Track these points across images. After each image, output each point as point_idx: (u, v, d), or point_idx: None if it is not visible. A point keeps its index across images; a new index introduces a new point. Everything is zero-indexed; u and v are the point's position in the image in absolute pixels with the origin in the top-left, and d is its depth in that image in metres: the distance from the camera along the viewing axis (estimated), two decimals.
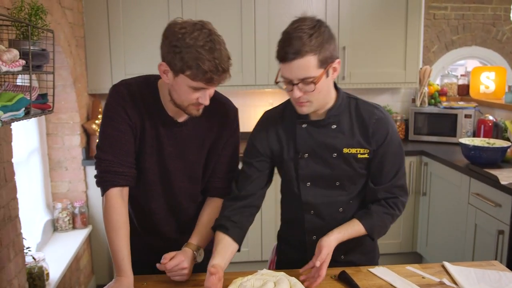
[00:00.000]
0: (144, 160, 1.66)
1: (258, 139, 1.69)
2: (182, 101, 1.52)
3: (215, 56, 1.40)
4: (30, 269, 2.42)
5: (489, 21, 4.99)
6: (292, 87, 1.49)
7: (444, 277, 1.66)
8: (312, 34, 1.43)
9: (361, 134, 1.62)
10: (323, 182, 1.66)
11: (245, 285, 1.47)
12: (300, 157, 1.64)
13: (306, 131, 1.63)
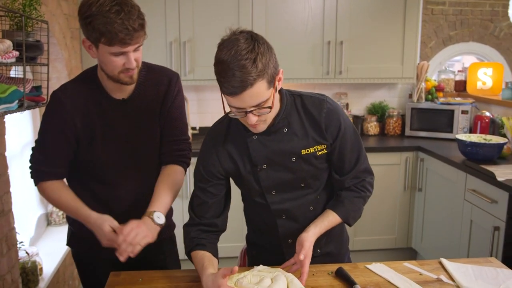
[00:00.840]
0: (100, 151, 1.69)
1: (209, 162, 1.59)
2: (111, 71, 1.56)
3: (122, 17, 1.43)
4: (24, 264, 2.40)
5: (487, 17, 4.97)
6: (246, 114, 1.40)
7: (441, 273, 1.65)
8: (255, 59, 1.32)
9: (314, 131, 1.57)
10: (288, 186, 1.62)
11: (241, 281, 1.45)
12: (259, 170, 1.58)
13: (258, 142, 1.55)
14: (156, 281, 1.58)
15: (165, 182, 1.72)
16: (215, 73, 1.38)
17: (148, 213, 1.63)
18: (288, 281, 1.47)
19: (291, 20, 3.62)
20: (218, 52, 1.36)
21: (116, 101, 1.68)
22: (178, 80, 1.79)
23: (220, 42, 1.38)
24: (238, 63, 1.31)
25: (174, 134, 1.77)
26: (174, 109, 1.76)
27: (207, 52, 3.57)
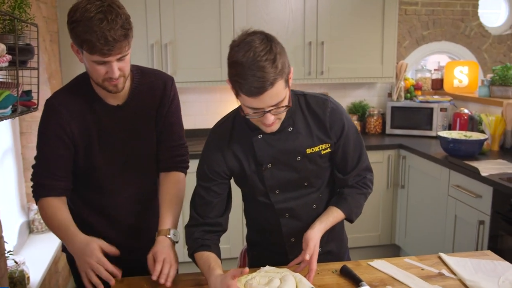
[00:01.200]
0: (97, 158, 1.66)
1: (213, 161, 1.58)
2: (96, 78, 1.52)
3: (104, 26, 1.37)
4: (11, 273, 2.32)
5: (458, 17, 5.10)
6: (263, 114, 1.40)
7: (442, 268, 1.68)
8: (274, 59, 1.33)
9: (319, 130, 1.59)
10: (292, 185, 1.63)
11: (251, 282, 1.45)
12: (264, 169, 1.58)
13: (264, 141, 1.56)
14: (161, 286, 1.55)
15: (171, 194, 1.70)
16: (232, 75, 1.37)
17: (163, 231, 1.61)
18: (297, 281, 1.48)
19: (272, 21, 3.63)
20: (233, 53, 1.36)
21: (111, 107, 1.64)
22: (173, 84, 1.75)
23: (234, 44, 1.38)
24: (258, 64, 1.31)
25: (173, 140, 1.75)
26: (171, 114, 1.73)
27: (189, 54, 3.56)
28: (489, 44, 5.30)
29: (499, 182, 2.58)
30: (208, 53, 3.58)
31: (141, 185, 1.77)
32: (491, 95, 3.63)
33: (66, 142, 1.60)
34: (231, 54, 1.37)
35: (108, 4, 1.40)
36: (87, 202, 1.74)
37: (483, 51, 5.27)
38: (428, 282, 1.57)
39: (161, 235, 1.60)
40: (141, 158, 1.73)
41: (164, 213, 1.66)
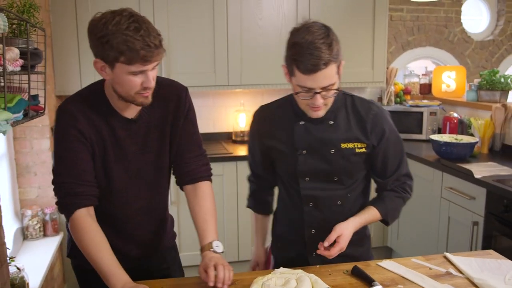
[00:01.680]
0: (110, 170, 1.63)
1: (256, 137, 1.78)
2: (127, 91, 1.49)
3: (142, 34, 1.38)
4: (12, 280, 2.29)
5: (442, 23, 5.21)
6: (314, 95, 1.52)
7: (449, 267, 1.72)
8: (330, 44, 1.48)
9: (359, 129, 1.67)
10: (321, 176, 1.70)
11: (268, 284, 1.47)
12: (299, 154, 1.68)
13: (304, 128, 1.67)
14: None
15: (205, 207, 1.69)
16: (289, 56, 1.51)
17: (206, 247, 1.59)
18: (312, 281, 1.50)
19: (265, 26, 3.67)
20: (293, 37, 1.52)
21: (125, 120, 1.61)
22: (187, 94, 1.72)
23: (294, 30, 1.54)
24: (316, 45, 1.45)
25: (194, 150, 1.73)
26: (188, 124, 1.71)
27: (182, 59, 3.56)
28: (472, 49, 5.43)
29: (493, 183, 2.66)
30: (202, 58, 3.60)
31: (152, 198, 1.75)
32: (479, 99, 3.72)
33: (87, 146, 1.54)
34: (291, 37, 1.53)
35: (134, 14, 1.41)
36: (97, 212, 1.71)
37: (466, 57, 5.39)
38: (437, 281, 1.61)
39: (205, 250, 1.59)
40: (154, 171, 1.71)
41: (203, 228, 1.64)
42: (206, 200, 1.71)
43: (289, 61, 1.52)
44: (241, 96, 4.08)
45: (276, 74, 3.74)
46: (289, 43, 1.53)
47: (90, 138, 1.55)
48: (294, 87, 1.57)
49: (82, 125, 1.53)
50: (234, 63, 3.65)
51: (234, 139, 4.01)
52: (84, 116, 1.54)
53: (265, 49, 3.69)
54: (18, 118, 1.57)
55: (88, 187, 1.55)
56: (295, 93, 1.57)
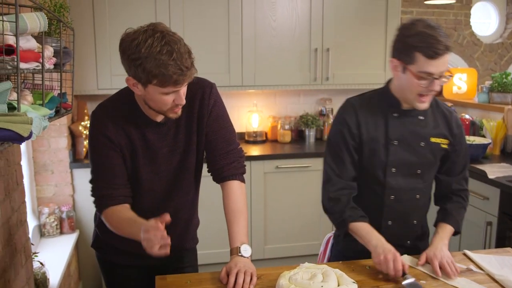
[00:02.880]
0: (140, 172, 1.67)
1: (349, 124, 1.79)
2: (159, 107, 1.53)
3: (175, 57, 1.39)
4: (35, 275, 2.34)
5: (451, 26, 5.25)
6: (433, 81, 1.63)
7: (469, 264, 1.75)
8: (446, 35, 1.62)
9: (444, 126, 1.82)
10: (407, 169, 1.81)
11: (295, 278, 1.50)
12: (391, 144, 1.78)
13: (398, 119, 1.77)
14: (204, 283, 1.59)
15: (232, 208, 1.69)
16: (410, 45, 1.61)
17: (234, 250, 1.61)
18: (338, 276, 1.53)
19: (279, 27, 3.71)
20: (411, 29, 1.63)
21: (154, 123, 1.64)
22: (212, 91, 1.71)
23: (407, 25, 1.66)
24: (438, 32, 1.59)
25: (222, 147, 1.72)
26: (213, 121, 1.71)
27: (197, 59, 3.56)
28: (481, 52, 5.46)
29: (507, 184, 2.69)
30: (217, 59, 3.64)
31: (179, 198, 1.78)
32: (490, 101, 3.75)
33: (117, 151, 1.61)
34: (409, 29, 1.63)
35: (164, 34, 1.41)
36: None
37: (475, 59, 5.43)
38: (459, 277, 1.65)
39: (232, 254, 1.61)
40: (180, 170, 1.73)
41: (231, 230, 1.66)
42: (232, 200, 1.70)
43: (409, 50, 1.61)
44: (254, 96, 4.12)
45: (290, 75, 3.78)
46: (406, 34, 1.63)
47: (119, 144, 1.61)
48: (415, 76, 1.63)
49: (110, 132, 1.59)
50: (248, 64, 3.69)
51: (247, 139, 4.05)
52: (113, 122, 1.60)
53: (279, 50, 3.73)
54: (51, 115, 1.61)
55: (116, 190, 1.62)
56: (418, 79, 1.63)
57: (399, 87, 1.74)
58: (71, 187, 3.31)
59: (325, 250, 2.07)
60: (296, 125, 4.18)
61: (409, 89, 1.69)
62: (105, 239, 1.81)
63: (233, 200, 1.71)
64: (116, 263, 1.84)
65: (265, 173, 3.58)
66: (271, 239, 3.70)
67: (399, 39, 1.67)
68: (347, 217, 1.77)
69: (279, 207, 3.67)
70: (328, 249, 2.06)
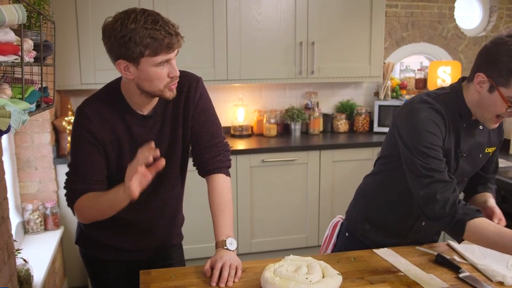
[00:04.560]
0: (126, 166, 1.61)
1: (439, 127, 1.63)
2: (156, 86, 1.52)
3: (161, 24, 1.44)
4: (18, 272, 2.31)
5: (436, 19, 5.26)
6: None
7: (453, 254, 1.77)
8: None
9: (494, 134, 1.78)
10: (460, 177, 1.76)
11: (280, 270, 1.50)
12: (461, 156, 1.70)
13: (467, 130, 1.69)
14: (189, 276, 1.59)
15: (217, 202, 1.69)
16: (510, 68, 1.47)
17: (220, 244, 1.61)
18: (323, 268, 1.54)
19: (264, 21, 3.70)
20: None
21: (140, 117, 1.64)
22: (198, 84, 1.72)
23: (508, 40, 1.49)
24: None
25: (206, 140, 1.72)
26: (198, 114, 1.71)
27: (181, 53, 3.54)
28: (465, 45, 5.50)
29: None
30: (202, 53, 3.62)
31: (165, 193, 1.77)
32: None
33: (98, 148, 1.59)
34: (507, 49, 1.48)
35: (146, 10, 1.46)
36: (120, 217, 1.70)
37: (459, 52, 5.46)
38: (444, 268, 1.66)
39: (218, 247, 1.61)
40: (168, 165, 1.67)
41: (216, 223, 1.65)
42: (217, 193, 1.70)
43: (507, 74, 1.49)
44: (239, 90, 4.11)
45: (275, 69, 3.78)
46: (506, 53, 1.47)
47: (102, 140, 1.59)
48: (503, 100, 1.53)
49: (95, 127, 1.58)
50: (233, 58, 3.67)
51: (233, 133, 4.04)
52: (99, 117, 1.58)
53: (264, 43, 3.72)
54: (31, 109, 1.58)
55: (93, 185, 1.60)
56: (508, 106, 1.54)
57: (477, 103, 1.61)
58: (55, 183, 3.28)
59: (331, 235, 2.03)
60: (281, 119, 4.18)
61: (490, 109, 1.59)
62: (89, 234, 1.80)
63: (218, 194, 1.70)
64: (101, 258, 1.82)
65: (251, 167, 3.58)
66: (258, 233, 3.71)
67: (495, 55, 1.49)
68: (462, 216, 1.53)
69: (265, 201, 3.67)
70: (334, 235, 2.02)
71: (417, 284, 1.54)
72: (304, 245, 3.80)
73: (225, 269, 1.52)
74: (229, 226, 1.67)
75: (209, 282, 1.52)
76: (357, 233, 1.95)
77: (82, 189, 1.59)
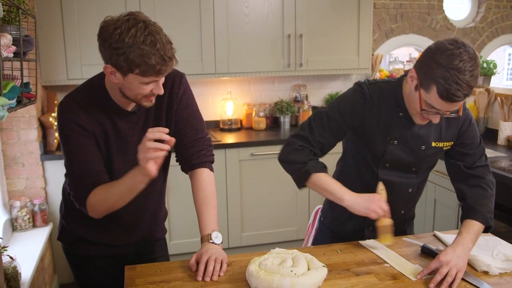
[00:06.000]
0: (112, 161, 1.65)
1: (354, 111, 1.71)
2: (135, 95, 1.51)
3: (158, 48, 1.39)
4: (5, 269, 2.29)
5: (424, 10, 5.26)
6: (438, 115, 1.57)
7: (438, 244, 1.78)
8: (477, 76, 1.47)
9: (450, 129, 1.74)
10: (402, 166, 1.77)
11: (265, 263, 1.49)
12: (390, 143, 1.72)
13: (403, 120, 1.70)
14: (174, 271, 1.58)
15: (202, 196, 1.69)
16: (432, 75, 1.47)
17: (205, 238, 1.61)
18: (308, 260, 1.53)
19: (251, 13, 3.68)
20: (443, 54, 1.45)
21: (124, 112, 1.63)
22: (182, 80, 1.72)
23: (444, 47, 1.47)
24: (468, 78, 1.44)
25: (190, 135, 1.72)
26: (182, 110, 1.71)
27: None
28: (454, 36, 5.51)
29: None
30: (189, 46, 3.59)
31: (148, 187, 1.75)
32: None
33: (91, 139, 1.57)
34: (440, 55, 1.46)
35: (147, 24, 1.40)
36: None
37: None
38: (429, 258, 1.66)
39: (203, 241, 1.61)
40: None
41: (201, 218, 1.66)
42: (201, 188, 1.71)
43: (429, 79, 1.49)
44: (228, 84, 4.09)
45: (263, 62, 3.76)
46: (436, 59, 1.47)
47: (92, 132, 1.57)
48: (419, 101, 1.56)
49: (83, 120, 1.55)
50: (221, 51, 3.65)
51: (222, 127, 4.03)
52: (84, 111, 1.56)
53: (252, 36, 3.70)
54: (12, 105, 1.56)
55: (99, 176, 1.58)
56: (420, 109, 1.57)
57: (407, 96, 1.67)
58: (43, 179, 3.25)
59: (313, 222, 2.09)
60: (271, 112, 4.17)
61: (414, 107, 1.63)
62: (72, 230, 1.78)
63: (202, 188, 1.71)
64: (84, 254, 1.81)
65: (240, 161, 3.57)
66: (248, 226, 3.71)
67: (428, 58, 1.51)
68: (310, 168, 1.71)
69: (255, 194, 3.67)
70: (316, 221, 2.08)
71: (403, 275, 1.55)
72: (295, 237, 3.80)
73: (210, 263, 1.52)
74: (214, 220, 1.67)
75: (195, 276, 1.52)
76: (326, 220, 2.01)
77: (90, 184, 1.56)
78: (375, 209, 1.63)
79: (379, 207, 1.63)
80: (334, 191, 1.70)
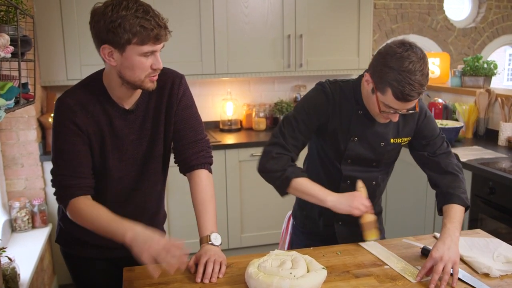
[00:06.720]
0: (107, 160, 1.63)
1: (318, 109, 1.76)
2: (138, 75, 1.50)
3: (152, 15, 1.44)
4: (4, 270, 2.28)
5: (425, 11, 5.25)
6: (395, 113, 1.64)
7: None
8: (427, 74, 1.54)
9: (407, 126, 1.81)
10: (363, 162, 1.83)
11: (264, 265, 1.49)
12: (351, 140, 1.78)
13: (362, 118, 1.75)
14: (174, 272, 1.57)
15: (201, 198, 1.68)
16: (386, 77, 1.53)
17: (204, 239, 1.61)
18: (307, 262, 1.53)
19: (251, 14, 3.67)
20: (392, 57, 1.52)
21: (122, 110, 1.62)
22: (181, 81, 1.72)
23: (392, 50, 1.54)
24: (418, 77, 1.51)
25: (189, 136, 1.72)
26: (181, 111, 1.70)
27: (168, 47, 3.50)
28: (454, 37, 5.49)
29: (478, 166, 2.71)
30: (189, 47, 3.59)
31: (146, 189, 1.75)
32: (463, 85, 3.78)
33: (84, 139, 1.56)
34: (390, 58, 1.52)
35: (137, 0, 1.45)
36: None
37: (449, 44, 5.46)
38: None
39: (202, 243, 1.61)
40: (147, 160, 1.71)
41: (200, 219, 1.65)
42: (200, 190, 1.70)
43: (383, 83, 1.55)
44: (228, 84, 4.09)
45: (263, 62, 3.75)
46: (387, 63, 1.53)
47: (87, 131, 1.56)
48: (377, 102, 1.62)
49: (79, 118, 1.54)
50: (220, 52, 3.64)
51: (222, 127, 4.02)
52: (81, 108, 1.55)
53: (252, 37, 3.69)
54: (10, 106, 1.55)
55: (83, 179, 1.57)
56: (379, 110, 1.63)
57: (365, 97, 1.71)
58: (42, 180, 3.24)
59: (287, 227, 2.13)
60: (271, 113, 4.16)
61: (373, 108, 1.68)
62: (70, 233, 1.78)
63: (201, 190, 1.70)
64: (82, 256, 1.80)
65: (240, 161, 3.56)
66: (248, 227, 3.70)
67: (380, 63, 1.56)
68: (290, 174, 1.75)
69: (255, 195, 3.66)
70: (290, 226, 2.12)
71: (403, 277, 1.54)
72: None
73: (209, 265, 1.52)
74: (213, 222, 1.66)
75: (193, 278, 1.51)
76: (297, 221, 2.06)
77: (75, 186, 1.55)
78: (357, 206, 1.69)
79: (361, 204, 1.69)
80: (315, 193, 1.74)
